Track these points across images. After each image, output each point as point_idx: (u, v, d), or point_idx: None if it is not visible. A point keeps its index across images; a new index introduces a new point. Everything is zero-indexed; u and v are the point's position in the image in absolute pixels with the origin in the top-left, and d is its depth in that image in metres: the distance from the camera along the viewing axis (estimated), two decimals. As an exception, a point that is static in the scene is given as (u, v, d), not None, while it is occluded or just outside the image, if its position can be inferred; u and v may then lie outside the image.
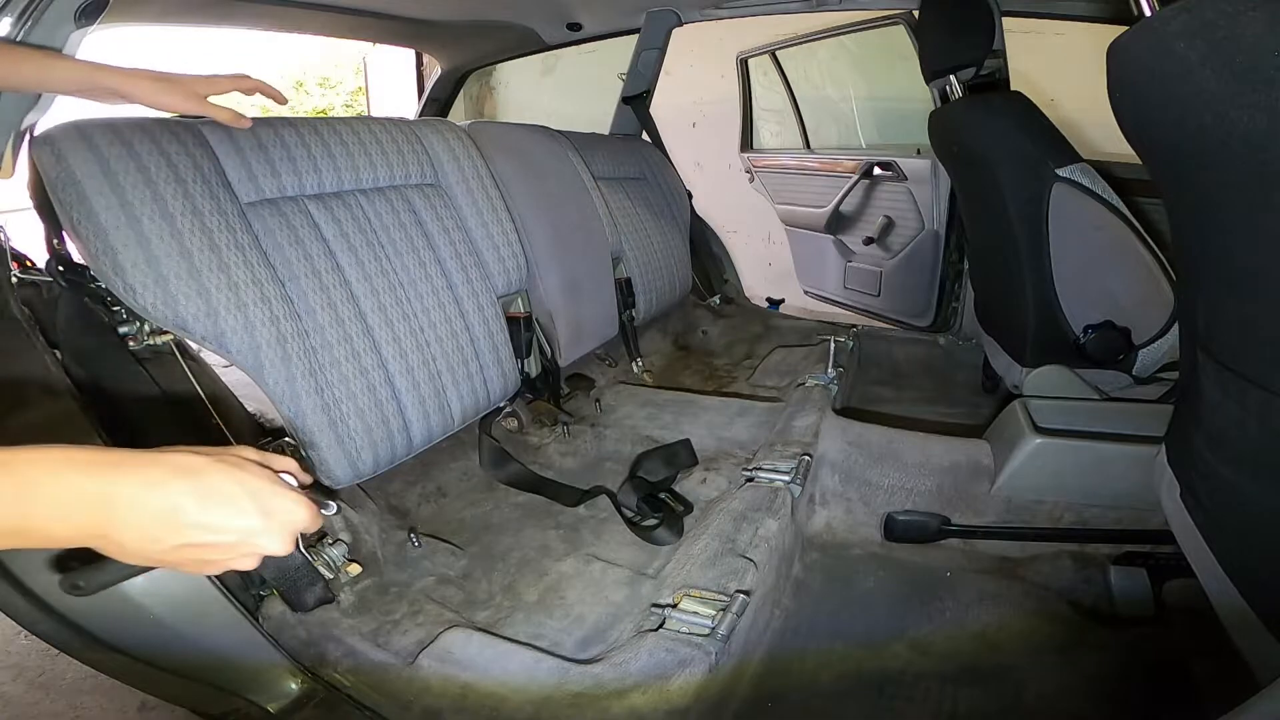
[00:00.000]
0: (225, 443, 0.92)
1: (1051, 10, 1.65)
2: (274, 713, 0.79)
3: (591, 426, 1.48)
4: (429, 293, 1.17)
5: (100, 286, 0.88)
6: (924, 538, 1.26)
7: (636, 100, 2.29)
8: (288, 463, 0.54)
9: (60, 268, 0.88)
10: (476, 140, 1.40)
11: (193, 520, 0.44)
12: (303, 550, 0.89)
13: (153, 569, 0.56)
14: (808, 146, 3.11)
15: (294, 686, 0.80)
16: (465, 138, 1.37)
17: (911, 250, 2.19)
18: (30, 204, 0.89)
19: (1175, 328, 1.31)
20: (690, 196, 2.30)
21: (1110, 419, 1.25)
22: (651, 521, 1.15)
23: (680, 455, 1.33)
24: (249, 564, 0.48)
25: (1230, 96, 0.57)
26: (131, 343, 0.92)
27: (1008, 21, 1.54)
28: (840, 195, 2.43)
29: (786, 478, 1.17)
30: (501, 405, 1.37)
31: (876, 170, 2.31)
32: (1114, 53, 0.72)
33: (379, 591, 0.97)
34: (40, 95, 0.85)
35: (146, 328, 0.91)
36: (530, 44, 2.30)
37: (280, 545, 0.48)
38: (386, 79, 5.51)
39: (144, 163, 0.85)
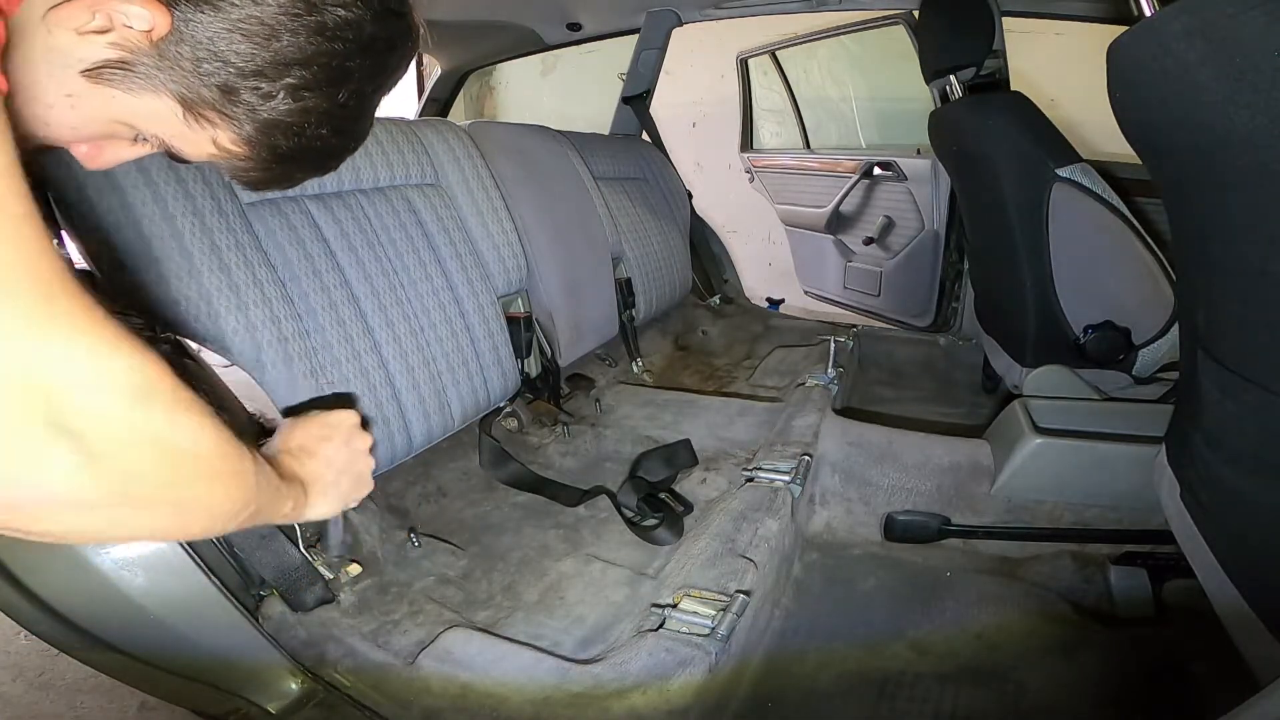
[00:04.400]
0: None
1: (1051, 10, 1.65)
2: (274, 713, 0.78)
3: (591, 426, 1.48)
4: (429, 293, 1.17)
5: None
6: (924, 538, 1.26)
7: (636, 100, 2.29)
8: None
9: None
10: (476, 140, 1.40)
11: (343, 455, 0.65)
12: (302, 550, 0.89)
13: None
14: (808, 146, 3.11)
15: (294, 686, 0.80)
16: (465, 138, 1.37)
17: (911, 250, 2.19)
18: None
19: (1175, 328, 1.31)
20: (690, 196, 2.29)
21: (1110, 419, 1.25)
22: (651, 521, 1.15)
23: (680, 455, 1.33)
24: (372, 463, 0.71)
25: (1230, 96, 0.57)
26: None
27: (1008, 21, 1.54)
28: (840, 195, 2.42)
29: (786, 478, 1.17)
30: (501, 405, 1.37)
31: (876, 170, 2.31)
32: (1114, 53, 0.72)
33: (379, 591, 0.96)
34: None
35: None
36: (530, 44, 2.30)
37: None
38: (386, 79, 5.51)
39: (144, 164, 0.85)
